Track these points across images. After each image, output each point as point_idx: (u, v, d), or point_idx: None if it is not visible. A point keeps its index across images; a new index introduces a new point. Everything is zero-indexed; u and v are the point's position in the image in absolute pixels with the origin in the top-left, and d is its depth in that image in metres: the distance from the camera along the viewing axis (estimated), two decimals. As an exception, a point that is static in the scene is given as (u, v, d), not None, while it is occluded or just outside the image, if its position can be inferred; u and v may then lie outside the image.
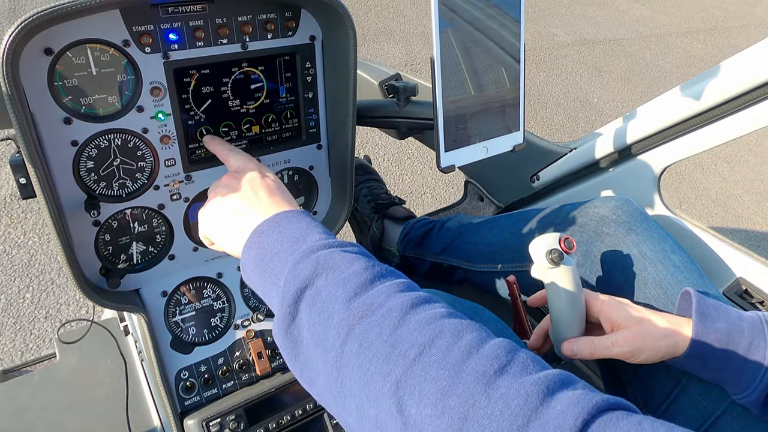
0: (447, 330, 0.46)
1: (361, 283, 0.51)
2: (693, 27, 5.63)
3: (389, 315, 0.48)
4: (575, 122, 3.50)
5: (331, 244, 0.56)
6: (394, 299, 0.49)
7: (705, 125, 0.96)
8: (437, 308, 0.49)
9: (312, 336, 0.51)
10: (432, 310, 0.49)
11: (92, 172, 0.76)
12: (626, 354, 0.73)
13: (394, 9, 4.29)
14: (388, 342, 0.46)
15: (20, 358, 1.63)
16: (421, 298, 0.50)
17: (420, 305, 0.49)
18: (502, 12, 0.73)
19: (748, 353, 0.68)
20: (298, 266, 0.54)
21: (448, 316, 0.48)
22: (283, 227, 0.60)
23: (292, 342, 0.53)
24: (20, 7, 3.22)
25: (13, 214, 2.05)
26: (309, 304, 0.52)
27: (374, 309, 0.49)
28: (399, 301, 0.49)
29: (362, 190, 1.44)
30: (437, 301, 0.51)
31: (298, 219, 0.61)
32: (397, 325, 0.47)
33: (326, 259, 0.54)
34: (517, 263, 1.05)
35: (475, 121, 0.75)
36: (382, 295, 0.50)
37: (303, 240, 0.58)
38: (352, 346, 0.47)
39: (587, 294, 0.80)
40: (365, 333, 0.47)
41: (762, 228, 3.00)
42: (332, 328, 0.49)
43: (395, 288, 0.51)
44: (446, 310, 0.49)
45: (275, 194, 0.67)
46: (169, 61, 0.75)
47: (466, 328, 0.47)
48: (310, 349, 0.51)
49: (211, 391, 0.88)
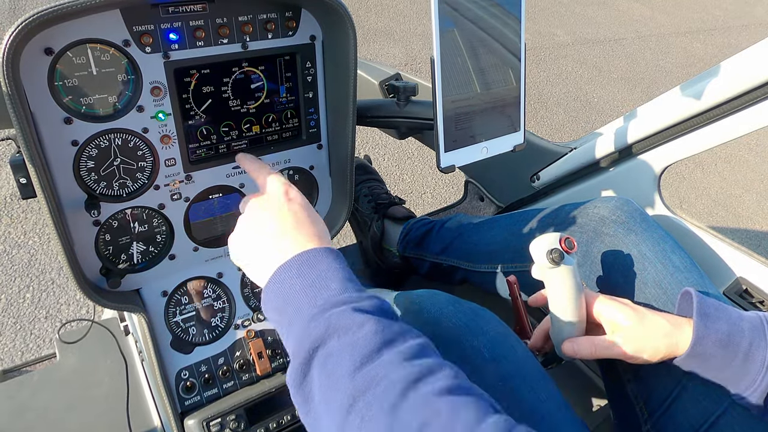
0: (444, 410, 0.47)
1: (368, 351, 0.52)
2: (693, 27, 5.63)
3: (390, 389, 0.48)
4: (575, 122, 3.50)
5: (347, 300, 0.57)
6: (398, 371, 0.50)
7: (705, 125, 0.96)
8: (440, 380, 0.50)
9: (322, 396, 0.52)
10: (433, 384, 0.49)
11: (92, 172, 0.76)
12: (627, 354, 0.73)
13: (394, 9, 4.29)
14: (386, 422, 0.47)
15: (20, 358, 1.63)
16: (426, 368, 0.51)
17: (423, 379, 0.49)
18: (503, 11, 0.73)
19: (749, 354, 0.68)
20: (311, 324, 0.55)
21: (448, 391, 0.48)
22: (303, 271, 0.60)
23: (303, 398, 0.55)
24: (20, 7, 3.22)
25: (14, 214, 2.05)
26: (320, 364, 0.53)
27: (377, 382, 0.49)
28: (402, 374, 0.49)
29: (362, 189, 1.44)
30: (443, 369, 0.51)
31: (320, 261, 0.61)
32: (396, 404, 0.48)
33: (338, 320, 0.54)
34: (518, 263, 1.05)
35: (476, 121, 0.75)
36: (387, 366, 0.51)
37: (321, 290, 0.58)
38: (355, 419, 0.49)
39: (588, 294, 0.80)
40: (367, 407, 0.48)
41: (762, 228, 3.00)
42: (339, 393, 0.50)
43: (402, 356, 0.51)
44: (448, 384, 0.49)
45: (302, 225, 0.67)
46: (170, 61, 0.75)
47: (463, 406, 0.47)
48: (321, 408, 0.53)
49: (212, 391, 0.88)
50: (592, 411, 1.24)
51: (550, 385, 0.77)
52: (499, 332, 0.78)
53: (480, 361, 0.74)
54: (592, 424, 1.06)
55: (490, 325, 0.79)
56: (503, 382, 0.73)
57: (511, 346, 0.77)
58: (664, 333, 0.72)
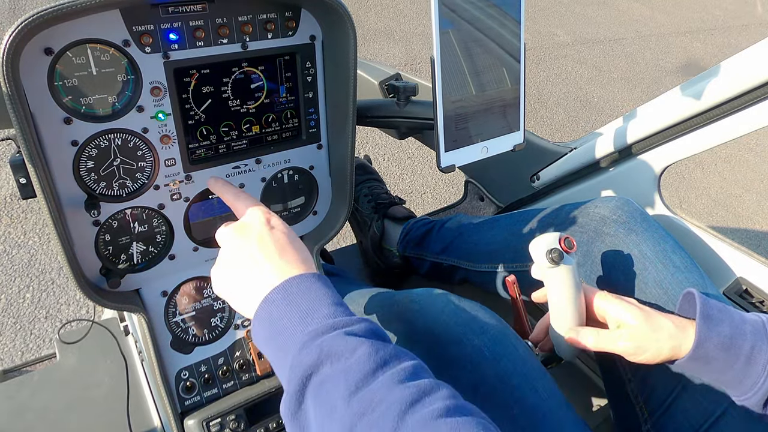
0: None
1: (363, 375, 0.51)
2: (693, 27, 5.63)
3: (388, 413, 0.48)
4: (575, 122, 3.50)
5: (337, 324, 0.56)
6: (394, 393, 0.49)
7: (705, 125, 0.96)
8: (437, 402, 0.49)
9: (318, 425, 0.51)
10: (431, 406, 0.48)
11: (92, 172, 0.76)
12: (630, 349, 0.73)
13: (394, 9, 4.29)
14: None
15: (20, 358, 1.63)
16: (422, 389, 0.50)
17: (419, 400, 0.49)
18: (502, 12, 0.73)
19: (751, 357, 0.68)
20: (303, 352, 0.55)
21: (446, 413, 0.48)
22: (292, 298, 0.60)
23: (299, 427, 0.54)
24: (20, 7, 3.22)
25: (14, 214, 2.05)
26: (314, 393, 0.53)
27: (374, 406, 0.49)
28: (399, 396, 0.49)
29: (362, 189, 1.44)
30: (439, 390, 0.51)
31: (308, 288, 0.60)
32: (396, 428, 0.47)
33: (330, 346, 0.54)
34: (518, 263, 1.05)
35: (476, 120, 0.75)
36: (383, 389, 0.50)
37: (311, 316, 0.58)
38: None
39: (588, 290, 0.80)
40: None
41: (762, 228, 3.00)
42: (336, 421, 0.50)
43: (397, 378, 0.51)
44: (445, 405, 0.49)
45: (285, 252, 0.65)
46: (169, 61, 0.75)
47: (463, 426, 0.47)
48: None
49: (212, 391, 0.88)
50: (592, 411, 1.24)
51: (550, 384, 0.77)
52: (500, 331, 0.78)
53: (481, 359, 0.74)
54: (592, 424, 1.06)
55: (490, 324, 0.79)
56: (504, 381, 0.73)
57: (512, 345, 0.77)
58: (668, 334, 0.71)
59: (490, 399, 0.72)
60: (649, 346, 0.72)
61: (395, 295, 0.91)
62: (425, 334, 0.79)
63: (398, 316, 0.84)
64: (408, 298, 0.85)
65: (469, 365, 0.74)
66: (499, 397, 0.73)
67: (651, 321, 0.73)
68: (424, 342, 0.78)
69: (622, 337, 0.74)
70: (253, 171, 0.89)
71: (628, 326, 0.74)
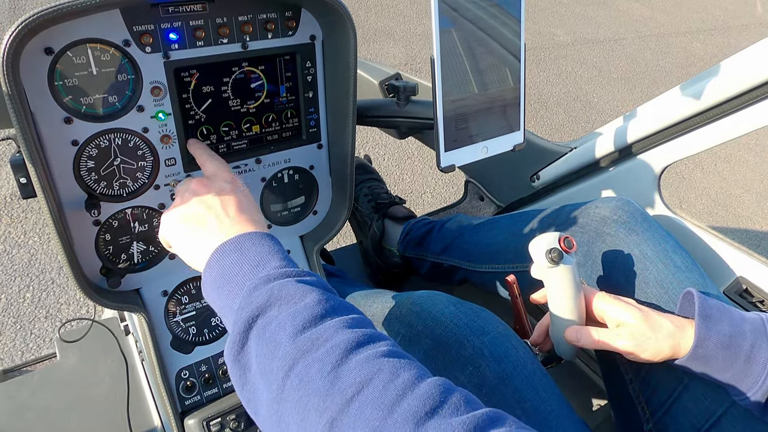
0: (386, 368, 0.47)
1: (311, 317, 0.51)
2: (693, 27, 5.63)
3: (333, 351, 0.48)
4: (575, 122, 3.50)
5: (289, 273, 0.57)
6: (340, 335, 0.49)
7: (705, 125, 0.96)
8: (381, 346, 0.50)
9: (259, 366, 0.51)
10: (375, 348, 0.49)
11: (93, 172, 0.76)
12: (630, 348, 0.73)
13: (394, 9, 4.29)
14: (327, 379, 0.46)
15: (20, 357, 1.63)
16: (368, 335, 0.51)
17: (365, 344, 0.49)
18: (502, 11, 0.73)
19: (750, 356, 0.68)
20: (253, 294, 0.54)
21: (389, 354, 0.48)
22: (245, 250, 0.60)
23: (240, 369, 0.53)
24: (20, 6, 3.22)
25: (14, 213, 2.05)
26: (258, 333, 0.52)
27: (320, 344, 0.49)
28: (345, 338, 0.49)
29: (362, 189, 1.44)
30: (384, 339, 0.51)
31: (261, 243, 0.61)
32: (338, 363, 0.47)
33: (281, 290, 0.54)
34: (518, 263, 1.05)
35: (476, 120, 0.75)
36: (329, 331, 0.50)
37: (262, 266, 0.58)
38: (294, 380, 0.47)
39: (587, 290, 0.80)
40: (307, 368, 0.48)
41: (762, 227, 3.00)
42: (277, 359, 0.49)
43: (344, 324, 0.51)
44: (389, 349, 0.50)
45: (243, 211, 0.66)
46: (170, 61, 0.75)
47: (404, 366, 0.47)
48: (257, 379, 0.51)
49: (212, 391, 0.88)
50: (592, 411, 1.24)
51: (551, 385, 0.77)
52: (500, 332, 0.78)
53: (481, 361, 0.74)
54: (592, 424, 1.06)
55: (491, 325, 0.79)
56: (505, 382, 0.73)
57: (512, 346, 0.77)
58: (668, 334, 0.72)
59: (491, 400, 0.72)
60: (648, 345, 0.72)
61: (396, 297, 0.91)
62: (426, 336, 0.79)
63: (399, 317, 0.84)
64: (409, 300, 0.85)
65: (470, 366, 0.74)
66: (500, 398, 0.73)
67: (650, 320, 0.73)
68: (425, 343, 0.79)
69: (622, 336, 0.74)
70: (254, 171, 0.89)
71: (628, 325, 0.74)
